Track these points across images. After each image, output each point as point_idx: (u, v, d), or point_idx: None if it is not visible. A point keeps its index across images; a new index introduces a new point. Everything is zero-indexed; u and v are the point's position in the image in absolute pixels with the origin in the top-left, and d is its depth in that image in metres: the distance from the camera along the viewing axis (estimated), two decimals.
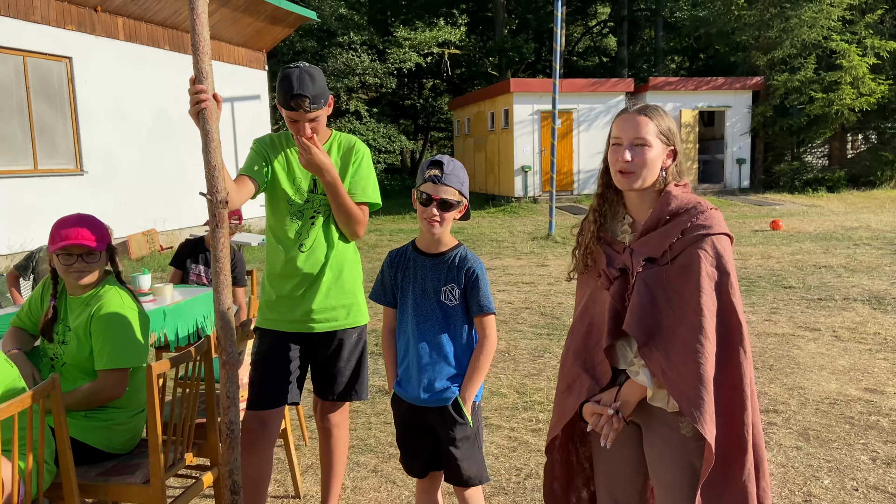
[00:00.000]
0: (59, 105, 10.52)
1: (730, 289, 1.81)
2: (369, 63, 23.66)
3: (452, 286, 2.28)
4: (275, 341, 2.64)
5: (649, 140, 1.88)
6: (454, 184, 2.24)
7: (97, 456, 2.60)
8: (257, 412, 2.60)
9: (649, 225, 1.91)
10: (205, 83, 2.21)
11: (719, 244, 1.83)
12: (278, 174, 2.63)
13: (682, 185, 1.96)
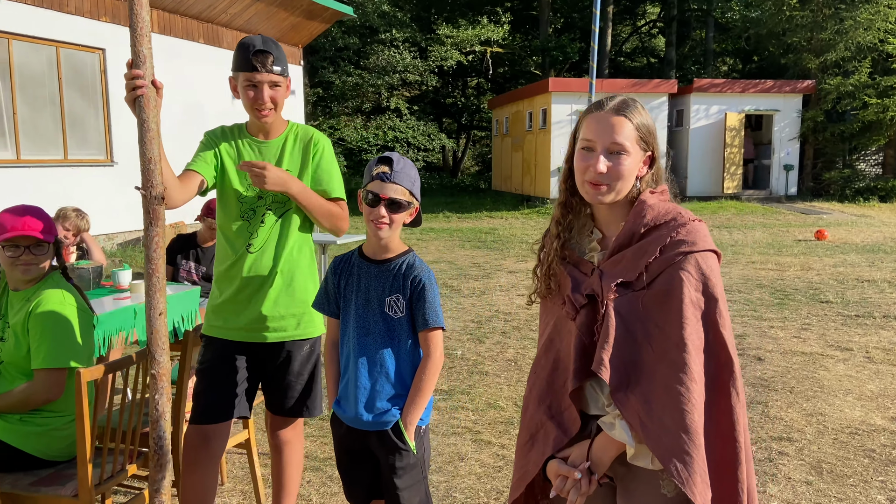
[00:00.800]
0: (91, 96, 10.63)
1: (718, 318, 1.52)
2: (410, 60, 23.55)
3: (397, 296, 2.06)
4: (220, 350, 2.46)
5: (627, 147, 1.58)
6: (404, 182, 2.02)
7: (33, 463, 2.46)
8: (200, 426, 2.42)
9: (621, 241, 1.60)
10: (142, 68, 2.04)
11: (705, 264, 1.53)
12: (228, 169, 2.45)
13: (659, 192, 1.66)
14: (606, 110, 1.61)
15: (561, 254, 1.71)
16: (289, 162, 2.46)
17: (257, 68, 2.31)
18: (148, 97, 2.06)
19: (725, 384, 1.52)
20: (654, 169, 1.67)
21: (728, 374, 1.52)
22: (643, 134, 1.62)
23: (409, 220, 2.11)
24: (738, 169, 18.91)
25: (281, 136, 2.48)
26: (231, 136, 2.47)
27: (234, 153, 2.46)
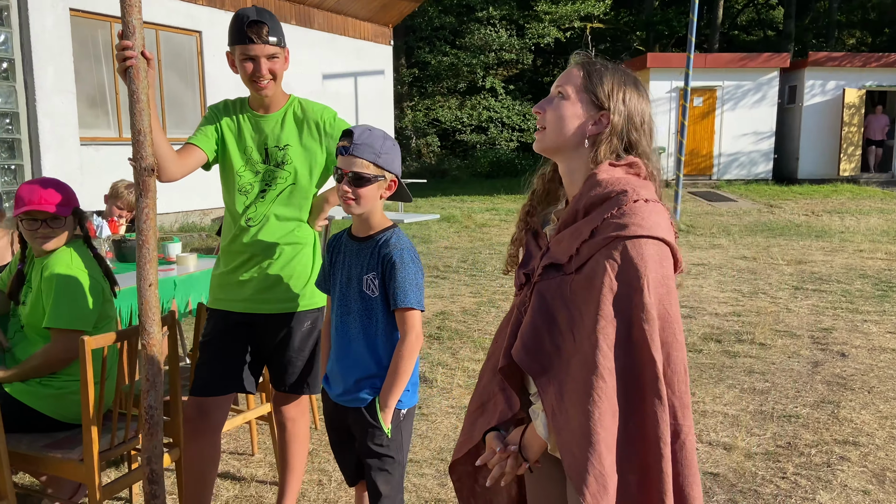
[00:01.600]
0: (188, 77, 11.11)
1: (641, 313, 1.34)
2: (507, 38, 23.21)
3: (373, 275, 1.99)
4: (221, 322, 2.47)
5: (567, 91, 1.48)
6: (365, 155, 1.93)
7: (52, 425, 2.56)
8: (197, 399, 2.44)
9: (565, 218, 1.48)
10: (132, 39, 2.03)
11: (635, 251, 1.35)
12: (228, 143, 2.43)
13: (624, 166, 1.48)
14: (573, 61, 1.53)
15: (526, 222, 1.62)
16: (289, 136, 2.42)
17: (253, 40, 2.27)
18: (138, 68, 2.05)
19: (644, 387, 1.35)
20: (609, 132, 1.48)
21: (649, 375, 1.35)
22: (594, 89, 1.47)
23: (387, 195, 2.01)
24: (856, 150, 17.49)
25: (280, 109, 2.44)
26: (232, 111, 2.46)
27: (234, 127, 2.44)
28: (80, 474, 2.40)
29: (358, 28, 14.17)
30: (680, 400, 1.39)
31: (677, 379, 1.39)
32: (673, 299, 1.38)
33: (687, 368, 1.43)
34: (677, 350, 1.39)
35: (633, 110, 1.50)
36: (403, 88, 24.41)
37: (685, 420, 1.40)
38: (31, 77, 6.52)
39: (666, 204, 1.54)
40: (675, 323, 1.38)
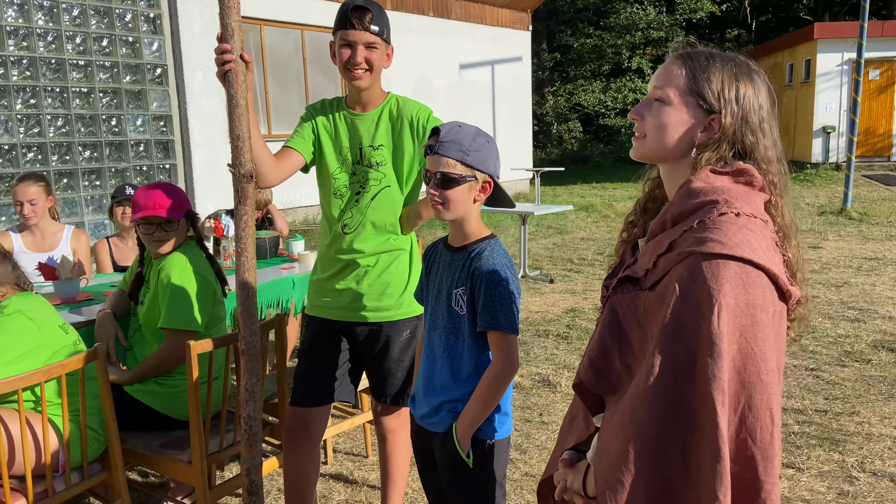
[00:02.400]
0: (331, 75, 11.46)
1: (705, 345, 1.10)
2: (655, 16, 22.10)
3: (462, 290, 1.80)
4: (318, 330, 2.40)
5: (669, 96, 1.26)
6: (452, 153, 1.73)
7: (168, 424, 2.63)
8: (298, 409, 2.39)
9: (654, 229, 1.29)
10: (230, 42, 1.98)
11: (710, 271, 1.12)
12: (324, 144, 2.34)
13: (729, 174, 1.24)
14: (672, 55, 1.30)
15: (629, 233, 1.45)
16: (383, 136, 2.30)
17: (354, 25, 2.15)
18: (236, 72, 1.99)
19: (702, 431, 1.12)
20: (719, 138, 1.25)
21: (708, 419, 1.11)
22: (701, 89, 1.24)
23: (481, 198, 1.81)
24: None
25: (377, 108, 2.32)
26: (329, 110, 2.36)
27: (330, 127, 2.35)
28: (189, 476, 2.44)
29: (495, 15, 13.98)
30: (762, 452, 1.14)
31: (760, 426, 1.14)
32: (762, 333, 1.13)
33: (777, 417, 1.15)
34: (762, 393, 1.13)
35: (749, 109, 1.25)
36: (544, 74, 23.94)
37: (768, 476, 1.15)
38: (182, 81, 6.94)
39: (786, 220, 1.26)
40: (762, 362, 1.13)
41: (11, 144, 5.89)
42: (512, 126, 14.27)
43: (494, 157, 1.81)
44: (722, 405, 1.09)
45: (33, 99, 5.99)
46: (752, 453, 1.13)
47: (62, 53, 6.15)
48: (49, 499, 2.25)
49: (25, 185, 3.64)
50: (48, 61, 6.07)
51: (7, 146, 5.87)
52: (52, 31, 6.08)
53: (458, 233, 1.86)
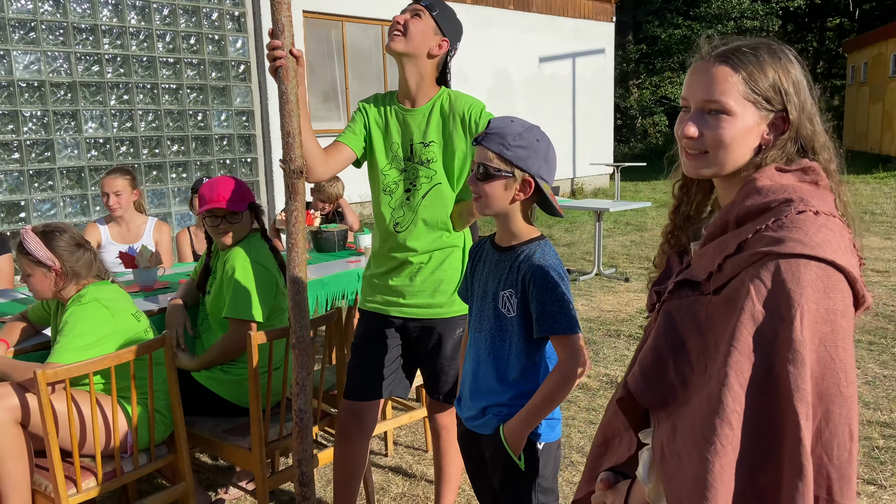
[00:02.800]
0: None
1: (787, 352, 1.02)
2: (749, 4, 21.18)
3: (510, 292, 1.75)
4: (371, 325, 2.41)
5: (730, 105, 1.15)
6: (493, 146, 1.68)
7: (233, 410, 2.71)
8: (351, 402, 2.42)
9: (712, 230, 1.20)
10: (281, 38, 2.01)
11: (790, 273, 1.04)
12: (375, 140, 2.34)
13: (795, 171, 1.16)
14: (708, 57, 1.18)
15: (672, 237, 1.37)
16: (434, 132, 2.28)
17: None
18: (287, 68, 2.02)
19: (783, 444, 1.04)
20: (786, 136, 1.17)
21: (791, 432, 1.03)
22: (762, 89, 1.15)
23: (520, 197, 1.73)
24: None
25: (428, 103, 2.29)
26: (381, 104, 2.36)
27: (381, 122, 2.35)
28: (249, 462, 2.51)
29: (578, 7, 13.73)
30: (839, 471, 1.06)
31: (837, 443, 1.06)
32: (842, 341, 1.05)
33: (855, 433, 1.07)
34: (841, 407, 1.05)
35: (804, 96, 1.18)
36: (629, 66, 23.36)
37: (844, 497, 1.07)
38: (264, 77, 7.15)
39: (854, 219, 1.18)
40: (842, 372, 1.05)
41: (106, 138, 6.23)
42: (592, 120, 14.00)
43: (541, 159, 1.73)
44: (806, 419, 1.02)
45: (126, 95, 6.31)
46: (827, 472, 1.06)
47: (153, 51, 6.46)
48: (117, 478, 2.36)
49: (112, 178, 3.84)
50: (140, 59, 6.38)
51: (102, 139, 6.21)
52: (144, 30, 6.38)
53: (504, 232, 1.81)
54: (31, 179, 5.83)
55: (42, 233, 2.45)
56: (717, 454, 1.04)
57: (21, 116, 5.70)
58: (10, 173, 5.70)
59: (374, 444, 3.47)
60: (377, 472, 3.20)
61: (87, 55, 6.02)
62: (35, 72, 5.72)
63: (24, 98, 5.70)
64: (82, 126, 6.05)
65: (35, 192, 5.85)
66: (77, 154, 6.05)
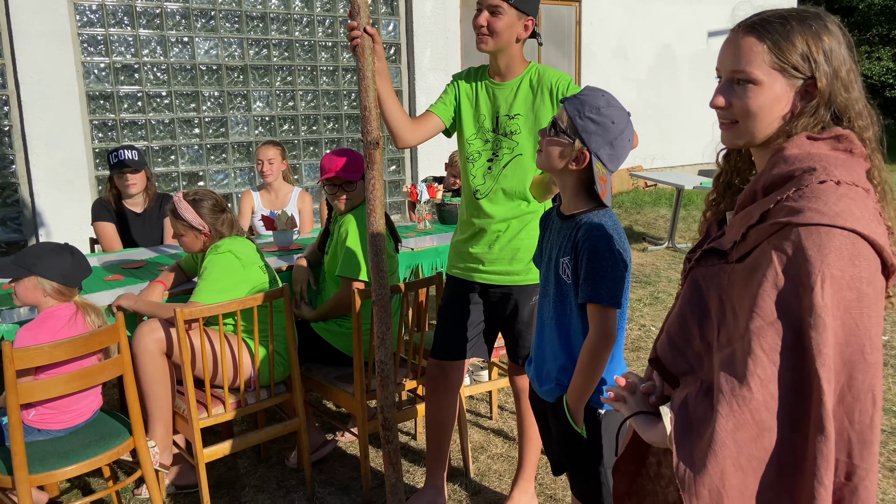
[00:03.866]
0: (565, 48, 11.46)
1: (809, 317, 1.04)
2: None
3: (568, 259, 1.81)
4: (455, 290, 2.57)
5: (755, 75, 1.17)
6: (570, 108, 1.72)
7: (344, 360, 3.00)
8: (437, 361, 2.60)
9: (742, 200, 1.23)
10: (357, 18, 2.15)
11: (811, 241, 1.06)
12: (464, 111, 2.47)
13: (828, 139, 1.17)
14: (738, 29, 1.22)
15: (713, 204, 1.39)
16: (520, 105, 2.37)
17: None
18: (363, 46, 2.15)
19: (809, 408, 1.07)
20: (816, 104, 1.18)
21: (815, 395, 1.05)
22: (789, 57, 1.16)
23: (573, 167, 1.74)
24: None
25: (517, 77, 2.39)
26: (473, 78, 2.48)
27: (472, 94, 2.46)
28: (352, 406, 2.78)
29: None
30: (860, 435, 1.08)
31: (859, 408, 1.08)
32: (868, 309, 1.06)
33: (878, 400, 1.08)
34: (865, 373, 1.07)
35: (838, 64, 1.18)
36: None
37: (863, 461, 1.09)
38: (412, 58, 7.47)
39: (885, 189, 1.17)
40: (867, 339, 1.06)
41: (271, 116, 6.86)
42: None
43: (607, 140, 1.71)
44: (828, 382, 1.05)
45: (289, 77, 6.89)
46: (848, 436, 1.09)
47: (314, 36, 6.98)
48: (241, 408, 2.72)
49: (266, 147, 4.29)
50: (302, 43, 6.93)
51: (267, 118, 6.84)
52: (307, 15, 6.92)
53: (568, 200, 1.85)
54: (208, 153, 6.58)
55: (192, 200, 2.84)
56: (734, 413, 1.08)
57: (201, 96, 6.44)
58: (192, 147, 6.47)
59: (480, 407, 3.65)
60: (479, 432, 3.37)
61: (257, 41, 6.65)
62: (214, 56, 6.43)
63: (203, 80, 6.43)
64: (251, 105, 6.71)
65: (211, 163, 6.60)
66: (246, 130, 6.73)
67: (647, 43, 11.96)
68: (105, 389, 3.74)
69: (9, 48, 5.54)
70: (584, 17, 11.32)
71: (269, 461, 3.13)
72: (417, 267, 3.61)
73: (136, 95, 6.15)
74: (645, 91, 11.93)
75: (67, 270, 2.42)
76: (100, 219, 3.91)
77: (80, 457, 2.32)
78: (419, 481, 2.97)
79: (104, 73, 5.99)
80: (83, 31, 5.85)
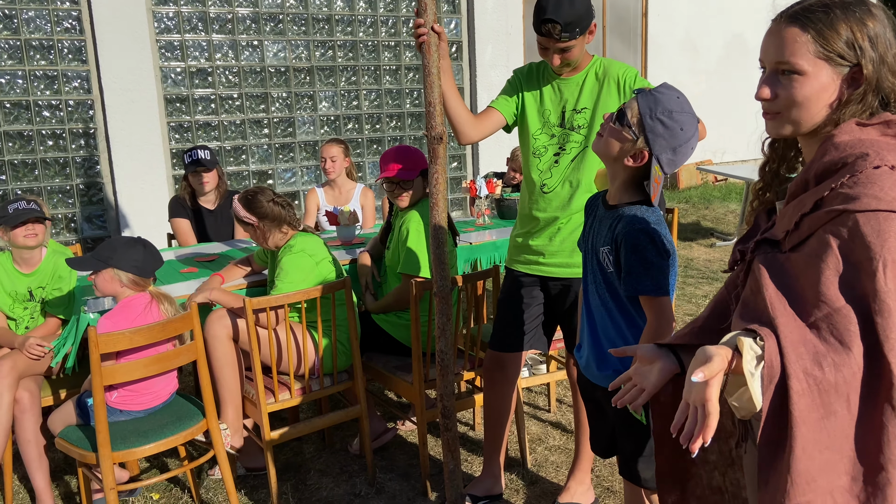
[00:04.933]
0: (631, 40, 11.29)
1: (873, 303, 1.06)
2: None
3: (608, 248, 1.83)
4: (514, 283, 2.61)
5: (801, 65, 1.18)
6: (643, 104, 1.72)
7: (404, 351, 3.09)
8: (494, 353, 2.65)
9: (793, 189, 1.24)
10: (423, 16, 2.21)
11: (869, 227, 1.07)
12: (528, 106, 2.50)
13: (878, 125, 1.18)
14: (780, 19, 1.23)
15: (761, 194, 1.40)
16: (587, 99, 2.40)
17: (545, 34, 2.28)
18: (429, 43, 2.21)
19: (880, 392, 1.07)
20: (863, 91, 1.18)
21: (885, 380, 1.05)
22: (834, 46, 1.17)
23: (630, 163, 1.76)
24: None
25: (582, 72, 2.41)
26: (536, 73, 2.51)
27: (536, 90, 2.49)
28: (412, 395, 2.87)
29: None
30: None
31: None
32: None
33: None
34: None
35: (884, 49, 1.18)
36: None
37: None
38: (474, 55, 7.51)
39: None
40: None
41: (336, 116, 7.04)
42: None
43: (671, 146, 1.71)
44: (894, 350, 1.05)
45: (354, 77, 7.05)
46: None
47: (377, 36, 7.12)
48: (306, 395, 2.84)
49: (330, 145, 4.43)
50: (366, 43, 7.08)
51: (333, 117, 7.03)
52: (370, 16, 7.06)
53: (615, 190, 1.86)
54: (277, 152, 6.81)
55: (244, 200, 2.96)
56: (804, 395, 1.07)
57: (270, 98, 6.67)
58: (261, 146, 6.72)
59: (539, 400, 3.69)
60: (538, 425, 3.41)
61: (323, 42, 6.84)
62: (282, 59, 6.65)
63: (272, 82, 6.66)
64: (317, 105, 6.90)
65: (280, 162, 6.82)
66: (313, 130, 6.93)
67: (715, 33, 11.67)
68: (182, 376, 3.95)
69: (93, 56, 5.88)
70: (650, 9, 11.13)
71: (333, 447, 3.26)
72: (476, 261, 3.67)
73: (210, 98, 6.42)
74: (714, 83, 11.63)
75: (140, 262, 2.58)
76: (176, 215, 4.12)
77: (157, 436, 2.48)
78: (477, 470, 3.03)
79: (180, 77, 6.29)
80: (161, 37, 6.15)
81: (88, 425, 2.54)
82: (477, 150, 7.75)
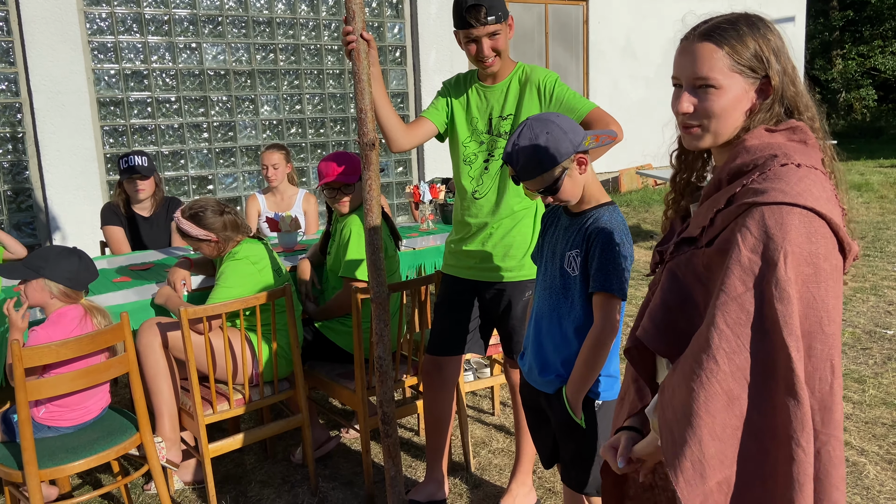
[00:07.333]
0: (573, 47, 11.47)
1: (773, 289, 1.11)
2: None
3: (576, 252, 1.87)
4: (449, 287, 2.62)
5: (717, 79, 1.24)
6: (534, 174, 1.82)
7: (347, 358, 3.05)
8: (432, 357, 2.65)
9: (707, 190, 1.30)
10: (352, 24, 2.19)
11: (773, 220, 1.12)
12: (456, 115, 2.53)
13: (784, 131, 1.25)
14: (691, 37, 1.28)
15: (674, 203, 1.47)
16: (511, 105, 2.42)
17: (472, 24, 2.31)
18: (358, 50, 2.20)
19: (773, 375, 1.12)
20: (770, 100, 1.26)
21: (783, 363, 1.11)
22: (745, 59, 1.24)
23: (584, 171, 1.84)
24: None
25: (506, 79, 2.45)
26: (463, 84, 2.54)
27: (463, 99, 2.52)
28: (353, 402, 2.84)
29: None
30: (821, 402, 1.15)
31: (818, 377, 1.14)
32: (825, 283, 1.13)
33: (837, 369, 1.15)
34: (823, 343, 1.13)
35: (784, 61, 1.27)
36: (832, 35, 21.26)
37: (825, 427, 1.15)
38: (418, 60, 7.53)
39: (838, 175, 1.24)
40: (824, 311, 1.13)
41: (278, 120, 6.95)
42: None
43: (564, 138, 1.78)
44: (797, 351, 1.10)
45: (296, 80, 6.97)
46: (809, 403, 1.14)
47: (320, 40, 7.06)
48: (247, 405, 2.79)
49: (270, 152, 4.36)
50: (308, 47, 7.01)
51: (275, 121, 6.93)
52: (312, 20, 7.00)
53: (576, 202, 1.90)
54: (217, 156, 6.68)
55: (190, 215, 2.88)
56: (703, 385, 1.14)
57: (209, 101, 6.54)
58: (200, 151, 6.57)
59: (483, 403, 3.70)
60: (482, 428, 3.42)
61: (264, 45, 6.74)
62: (221, 62, 6.53)
63: (212, 85, 6.53)
64: (259, 109, 6.80)
65: (220, 167, 6.69)
66: (255, 134, 6.82)
67: (653, 41, 11.96)
68: (118, 390, 3.83)
69: (21, 57, 5.66)
70: (591, 16, 11.34)
71: (275, 457, 3.20)
72: (420, 266, 3.67)
73: (146, 101, 6.25)
74: (654, 89, 11.92)
75: (74, 273, 2.49)
76: (108, 223, 3.99)
77: (87, 452, 2.39)
78: (423, 475, 3.02)
79: (114, 80, 6.10)
80: (93, 38, 5.96)
81: (14, 442, 2.44)
82: (422, 155, 7.76)
